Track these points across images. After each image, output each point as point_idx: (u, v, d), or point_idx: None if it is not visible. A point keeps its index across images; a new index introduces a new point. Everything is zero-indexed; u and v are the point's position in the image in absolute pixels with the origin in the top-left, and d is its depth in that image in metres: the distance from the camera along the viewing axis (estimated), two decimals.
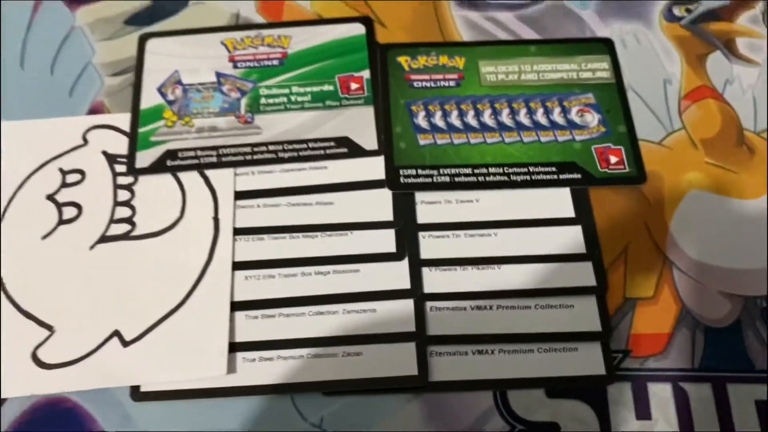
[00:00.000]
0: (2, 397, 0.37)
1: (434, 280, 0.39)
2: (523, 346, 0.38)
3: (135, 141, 0.43)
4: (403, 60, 0.46)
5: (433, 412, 0.37)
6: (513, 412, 0.37)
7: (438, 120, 0.44)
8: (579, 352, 0.38)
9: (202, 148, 0.43)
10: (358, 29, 0.47)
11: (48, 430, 0.37)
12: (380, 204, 0.41)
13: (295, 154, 0.43)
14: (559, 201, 0.41)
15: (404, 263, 0.40)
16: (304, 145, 0.43)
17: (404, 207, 0.41)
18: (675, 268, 0.40)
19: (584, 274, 0.39)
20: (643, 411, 0.37)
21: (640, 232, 0.41)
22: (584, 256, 0.40)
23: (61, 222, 0.41)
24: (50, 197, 0.42)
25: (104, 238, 0.41)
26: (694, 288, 0.40)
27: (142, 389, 0.37)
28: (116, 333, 0.38)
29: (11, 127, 0.44)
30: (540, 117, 0.44)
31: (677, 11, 0.49)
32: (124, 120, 0.44)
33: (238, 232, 0.41)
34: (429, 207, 0.41)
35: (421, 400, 0.37)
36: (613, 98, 0.45)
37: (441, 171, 0.42)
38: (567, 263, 0.40)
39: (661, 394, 0.37)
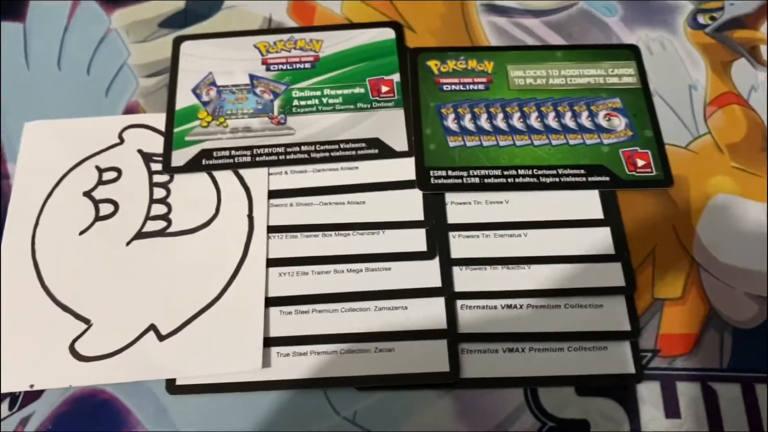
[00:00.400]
0: (41, 388, 0.38)
1: (465, 279, 0.40)
2: (553, 344, 0.38)
3: (170, 140, 0.44)
4: (432, 64, 0.47)
5: (464, 408, 0.37)
6: (543, 410, 0.37)
7: (467, 123, 0.44)
8: (608, 350, 0.38)
9: (237, 148, 0.44)
10: (388, 34, 0.48)
11: (84, 421, 0.37)
12: (411, 204, 0.42)
13: (327, 154, 0.43)
14: (587, 203, 0.42)
15: (435, 262, 0.40)
16: (336, 146, 0.44)
17: (434, 207, 0.42)
18: (702, 269, 0.41)
19: (613, 275, 0.40)
20: (672, 409, 0.37)
21: (667, 234, 0.42)
22: (613, 257, 0.40)
23: (98, 218, 0.42)
24: (87, 194, 0.43)
25: (140, 235, 0.41)
26: (722, 290, 0.40)
27: (178, 382, 0.38)
28: (152, 327, 0.39)
29: (48, 125, 0.45)
30: (568, 120, 0.44)
31: (702, 19, 0.50)
32: (159, 120, 0.45)
33: (271, 229, 0.41)
34: (459, 207, 0.42)
35: (453, 396, 0.38)
36: (640, 103, 0.45)
37: (471, 172, 0.42)
38: (596, 264, 0.40)
39: (690, 393, 0.38)
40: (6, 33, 0.50)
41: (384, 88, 0.46)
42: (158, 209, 0.42)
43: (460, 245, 0.41)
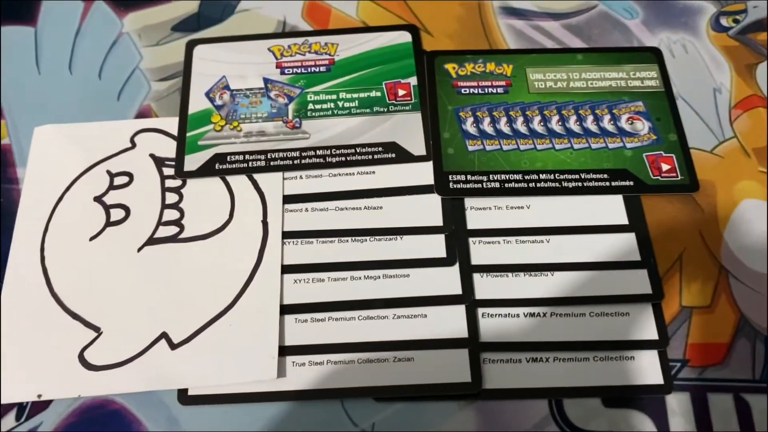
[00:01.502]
0: (49, 398, 0.37)
1: (486, 287, 0.39)
2: (578, 354, 0.37)
3: (183, 144, 0.43)
4: (450, 67, 0.46)
5: (486, 420, 0.36)
6: (569, 422, 0.36)
7: (486, 126, 0.43)
8: (635, 360, 0.37)
9: (251, 152, 0.43)
10: (405, 37, 0.48)
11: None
12: (429, 209, 0.41)
13: (343, 158, 0.42)
14: (611, 208, 0.41)
15: (455, 269, 0.39)
16: (352, 150, 0.43)
17: (454, 212, 0.41)
18: (731, 276, 0.39)
19: (639, 282, 0.39)
20: (703, 422, 0.36)
21: (694, 240, 0.41)
22: (639, 263, 0.39)
23: (109, 224, 0.41)
24: (98, 199, 0.42)
25: (152, 240, 0.40)
26: (752, 297, 0.39)
27: (190, 393, 0.37)
28: (164, 335, 0.38)
29: (60, 129, 0.44)
30: (590, 124, 0.43)
31: (725, 21, 0.49)
32: (171, 124, 0.44)
33: (286, 235, 0.40)
34: (479, 213, 0.41)
35: (475, 407, 0.36)
36: (663, 106, 0.44)
37: (491, 177, 0.41)
38: (621, 270, 0.39)
39: (722, 405, 0.36)
40: (17, 37, 0.49)
41: (401, 92, 0.45)
42: (170, 214, 0.41)
43: (480, 251, 0.40)
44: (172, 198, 0.42)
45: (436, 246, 0.40)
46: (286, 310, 0.38)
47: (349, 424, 0.36)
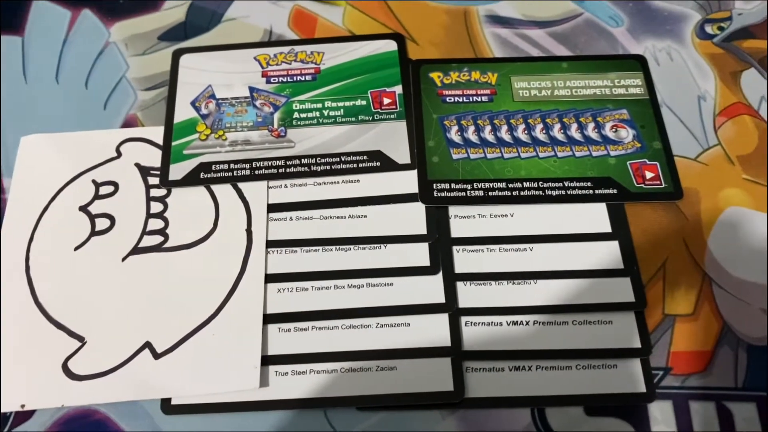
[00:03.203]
0: (32, 408, 0.37)
1: (469, 295, 0.39)
2: (560, 362, 0.37)
3: (168, 154, 0.43)
4: (435, 76, 0.46)
5: (469, 429, 0.36)
6: (552, 430, 0.36)
7: (471, 135, 0.43)
8: (618, 369, 0.37)
9: (236, 161, 0.43)
10: (390, 45, 0.48)
11: None
12: (413, 217, 0.41)
13: (328, 167, 0.43)
14: (595, 216, 0.41)
15: (438, 277, 0.39)
16: (337, 159, 0.43)
17: (438, 221, 0.41)
18: (715, 284, 0.40)
19: (622, 290, 0.39)
20: (685, 430, 0.36)
21: (678, 248, 0.41)
22: (622, 271, 0.39)
23: (94, 233, 0.41)
24: (83, 209, 0.42)
25: (137, 250, 0.41)
26: (735, 305, 0.39)
27: (173, 402, 0.37)
28: (148, 345, 0.38)
29: (46, 139, 0.45)
30: (574, 132, 0.43)
31: (709, 29, 0.49)
32: (157, 133, 0.45)
33: (270, 244, 0.41)
34: (463, 221, 0.41)
35: (457, 416, 0.36)
36: (648, 114, 0.44)
37: (475, 185, 0.41)
38: (604, 278, 0.39)
39: (703, 412, 0.36)
40: (4, 46, 0.49)
41: (386, 100, 0.45)
42: (155, 224, 0.41)
43: (464, 260, 0.40)
44: (156, 207, 0.42)
45: (419, 254, 0.40)
46: (269, 319, 0.38)
47: None
